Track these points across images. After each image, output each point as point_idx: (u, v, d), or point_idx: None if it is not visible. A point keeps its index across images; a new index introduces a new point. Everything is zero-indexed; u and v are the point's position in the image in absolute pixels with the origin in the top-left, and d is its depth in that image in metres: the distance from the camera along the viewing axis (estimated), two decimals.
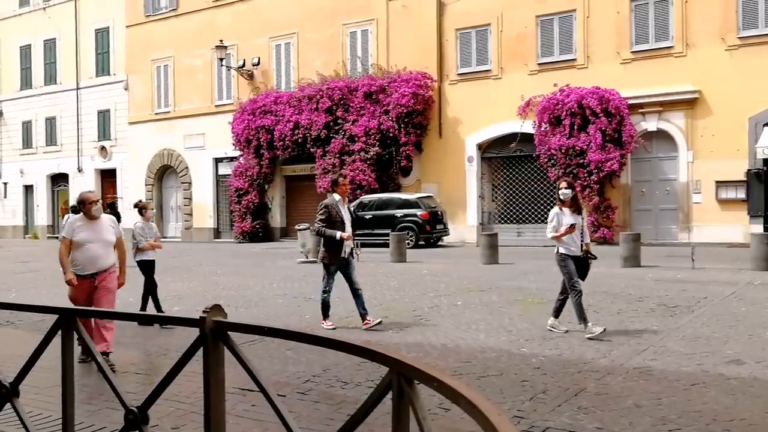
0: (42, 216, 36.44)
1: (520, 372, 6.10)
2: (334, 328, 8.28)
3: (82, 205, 6.78)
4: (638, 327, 7.99)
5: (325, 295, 8.36)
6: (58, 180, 36.21)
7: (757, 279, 11.77)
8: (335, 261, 8.29)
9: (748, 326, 7.81)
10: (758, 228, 18.33)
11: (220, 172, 29.91)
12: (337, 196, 8.43)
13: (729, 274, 12.71)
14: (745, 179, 19.40)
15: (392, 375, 1.82)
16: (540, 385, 5.68)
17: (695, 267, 13.47)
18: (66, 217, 19.14)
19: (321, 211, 8.36)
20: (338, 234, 8.19)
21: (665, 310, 8.98)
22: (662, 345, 7.00)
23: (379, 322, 8.27)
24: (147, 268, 9.28)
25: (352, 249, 8.48)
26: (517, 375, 6.00)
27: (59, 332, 2.81)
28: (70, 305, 6.06)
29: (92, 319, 6.35)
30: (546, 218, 8.62)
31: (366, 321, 8.25)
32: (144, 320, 8.16)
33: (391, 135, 23.84)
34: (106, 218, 6.95)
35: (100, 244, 6.70)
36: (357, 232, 21.22)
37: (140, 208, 9.65)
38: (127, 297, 11.72)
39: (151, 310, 9.15)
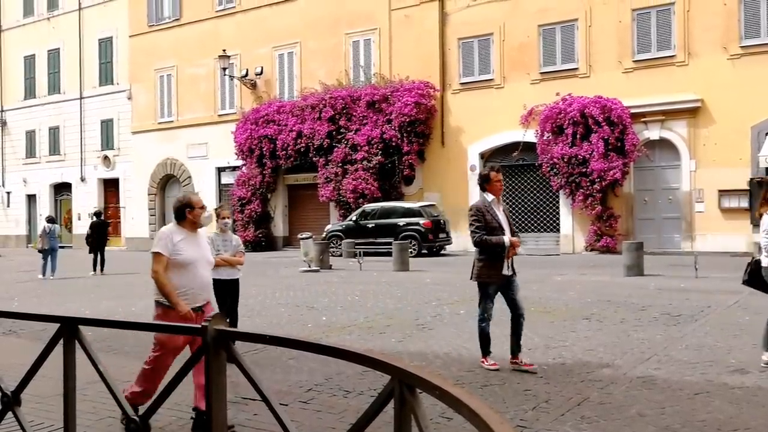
0: (57, 225, 36.43)
1: (523, 381, 6.08)
2: (497, 369, 6.44)
3: (189, 210, 5.14)
4: (641, 336, 7.96)
5: (484, 324, 6.62)
6: (61, 189, 36.27)
7: None
8: (496, 279, 6.52)
9: (751, 335, 7.77)
10: None
11: (223, 182, 29.94)
12: (489, 196, 6.68)
13: (732, 283, 12.64)
14: (748, 188, 19.36)
15: (394, 383, 1.81)
16: (543, 394, 5.66)
17: (698, 276, 13.43)
18: (43, 227, 19.12)
19: (473, 217, 6.60)
20: (506, 239, 6.46)
21: (669, 319, 8.95)
22: (666, 354, 6.98)
23: (533, 371, 6.37)
24: (223, 289, 7.12)
25: (511, 262, 6.69)
26: (519, 384, 5.98)
27: (61, 341, 2.81)
28: (72, 314, 5.80)
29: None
30: (546, 227, 8.50)
31: (515, 359, 6.55)
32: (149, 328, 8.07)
33: (393, 144, 23.87)
34: (203, 230, 5.50)
35: (205, 264, 5.26)
36: (359, 241, 21.50)
37: (215, 215, 7.46)
38: (130, 306, 11.73)
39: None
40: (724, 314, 9.27)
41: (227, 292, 7.16)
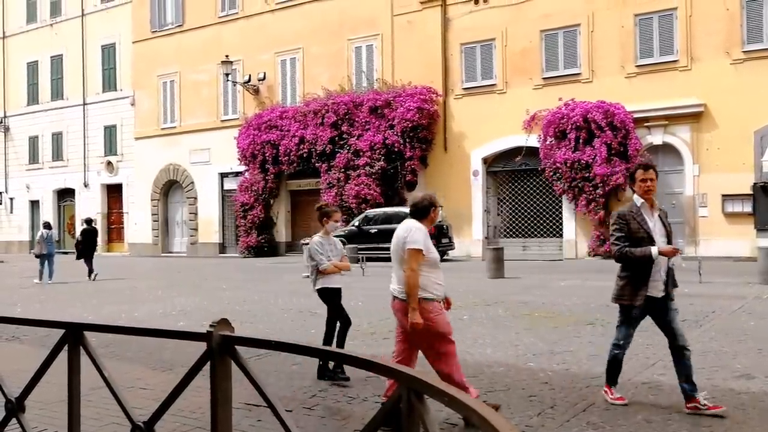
0: (53, 231, 36.50)
1: (528, 387, 6.05)
2: (624, 404, 5.37)
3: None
4: (646, 341, 7.92)
5: (618, 351, 5.54)
6: (65, 195, 36.34)
7: (765, 293, 11.70)
8: (641, 301, 5.38)
9: (757, 340, 7.74)
10: (765, 242, 18.23)
11: (225, 187, 29.97)
12: (638, 199, 5.40)
13: (737, 288, 12.63)
14: (752, 193, 19.33)
15: (402, 389, 1.79)
16: (548, 399, 5.63)
17: (702, 281, 13.39)
18: (40, 233, 19.21)
19: (614, 225, 5.42)
20: (654, 250, 5.19)
21: None
22: (671, 359, 6.93)
23: (722, 414, 5.07)
24: (331, 297, 6.84)
25: (668, 280, 5.49)
26: (524, 390, 5.95)
27: (65, 347, 2.80)
28: (75, 320, 5.90)
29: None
30: (549, 232, 8.35)
31: (693, 401, 5.17)
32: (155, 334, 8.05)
33: (396, 149, 23.88)
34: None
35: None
36: (362, 246, 21.48)
37: (322, 214, 6.89)
38: (132, 311, 11.73)
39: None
40: (729, 319, 9.23)
41: (337, 299, 6.86)
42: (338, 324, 6.78)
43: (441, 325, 5.08)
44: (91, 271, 19.16)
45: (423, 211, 5.22)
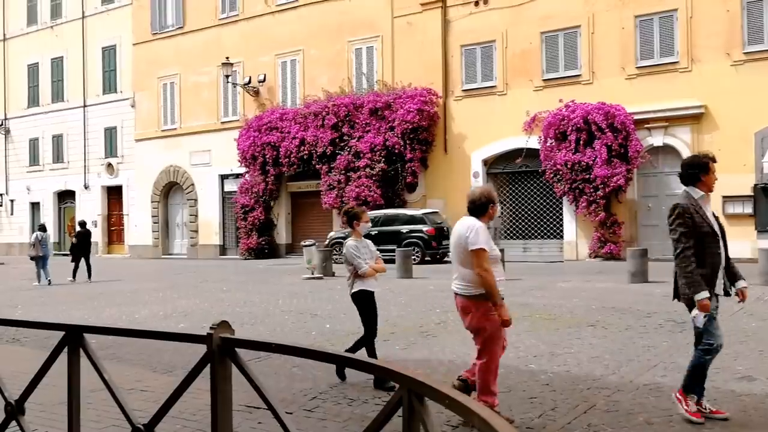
0: (48, 233, 36.51)
1: (529, 389, 6.04)
2: (701, 423, 4.90)
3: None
4: (647, 343, 7.92)
5: (708, 357, 5.09)
6: (65, 197, 36.34)
7: (766, 294, 11.69)
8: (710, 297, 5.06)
9: (758, 342, 7.74)
10: (766, 243, 18.20)
11: (225, 189, 29.96)
12: (697, 192, 5.27)
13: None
14: (752, 194, 19.32)
15: (403, 392, 1.79)
16: (549, 402, 5.62)
17: None
18: (35, 235, 19.48)
19: (677, 220, 5.08)
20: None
21: (674, 326, 8.90)
22: (672, 361, 6.94)
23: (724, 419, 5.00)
24: (367, 301, 6.56)
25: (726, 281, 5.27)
26: (525, 392, 5.94)
27: (65, 349, 2.79)
28: (76, 322, 5.90)
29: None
30: (550, 233, 8.26)
31: (696, 406, 5.02)
32: (154, 336, 8.04)
33: (396, 151, 23.88)
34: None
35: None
36: None
37: (352, 216, 6.79)
38: (133, 313, 11.72)
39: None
40: (730, 321, 9.21)
41: (373, 303, 6.58)
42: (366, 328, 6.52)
43: (494, 324, 5.07)
44: (76, 272, 19.56)
45: (481, 208, 5.18)
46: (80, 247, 20.01)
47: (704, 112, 20.00)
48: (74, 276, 19.49)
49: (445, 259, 22.67)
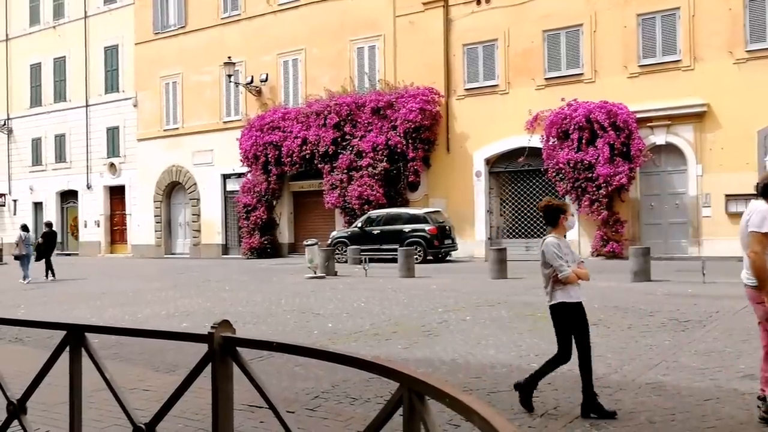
0: (31, 233, 36.53)
1: None
2: None
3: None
4: (650, 342, 7.91)
5: None
6: (68, 197, 36.38)
7: None
8: None
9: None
10: None
11: (228, 188, 29.98)
12: None
13: (741, 288, 12.56)
14: (755, 193, 19.26)
15: (403, 390, 1.79)
16: (551, 401, 5.62)
17: (706, 281, 13.37)
18: (19, 235, 20.20)
19: None
20: None
21: (676, 325, 8.89)
22: (674, 360, 6.93)
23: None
24: (568, 316, 5.37)
25: None
26: None
27: (67, 348, 2.80)
28: (78, 321, 5.83)
29: None
30: None
31: None
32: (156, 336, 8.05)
33: (398, 150, 23.87)
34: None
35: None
36: (364, 247, 21.47)
37: (554, 210, 5.78)
38: (136, 313, 11.73)
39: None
40: (733, 319, 9.21)
41: (579, 317, 5.38)
42: (573, 345, 5.40)
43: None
44: (49, 271, 20.09)
45: (764, 190, 4.92)
46: (46, 247, 20.50)
47: (707, 111, 19.96)
48: (47, 275, 19.96)
49: (448, 258, 22.69)
